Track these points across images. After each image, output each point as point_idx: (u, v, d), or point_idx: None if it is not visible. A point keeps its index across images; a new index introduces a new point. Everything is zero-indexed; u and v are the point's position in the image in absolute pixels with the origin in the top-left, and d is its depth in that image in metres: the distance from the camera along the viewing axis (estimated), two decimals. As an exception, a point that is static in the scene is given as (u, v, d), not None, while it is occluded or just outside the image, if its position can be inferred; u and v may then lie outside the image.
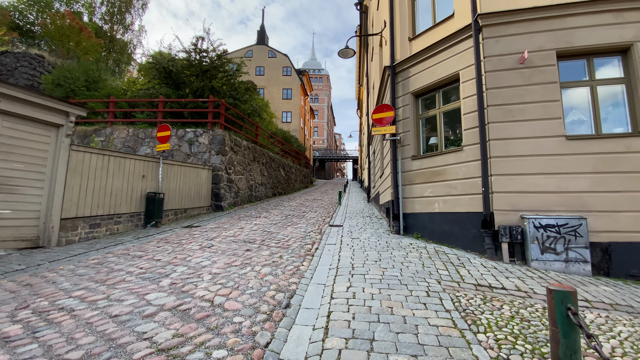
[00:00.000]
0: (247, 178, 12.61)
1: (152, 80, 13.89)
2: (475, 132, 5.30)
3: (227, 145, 11.13)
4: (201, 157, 10.73)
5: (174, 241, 5.69)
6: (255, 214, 9.54)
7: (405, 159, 6.50)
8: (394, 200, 6.44)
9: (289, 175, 19.20)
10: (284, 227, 6.89)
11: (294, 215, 9.11)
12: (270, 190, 15.40)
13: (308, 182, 26.38)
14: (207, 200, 10.23)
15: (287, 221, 7.91)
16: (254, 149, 13.67)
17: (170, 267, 3.93)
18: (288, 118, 32.28)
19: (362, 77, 22.42)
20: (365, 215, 8.83)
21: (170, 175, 8.53)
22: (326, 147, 57.36)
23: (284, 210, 10.25)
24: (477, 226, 5.14)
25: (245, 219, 8.33)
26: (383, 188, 8.48)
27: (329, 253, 4.65)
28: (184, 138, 11.02)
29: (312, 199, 14.62)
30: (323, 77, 58.36)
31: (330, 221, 8.08)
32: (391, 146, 6.74)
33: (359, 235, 5.91)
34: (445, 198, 5.68)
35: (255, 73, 32.71)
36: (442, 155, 5.83)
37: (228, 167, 11.11)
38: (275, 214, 9.29)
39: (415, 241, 5.55)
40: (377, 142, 10.34)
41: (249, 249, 4.78)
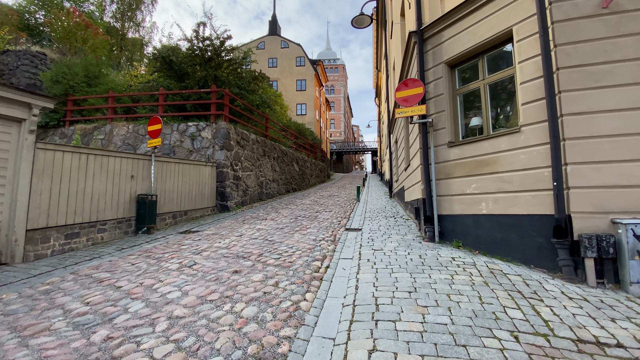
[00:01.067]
0: (256, 174, 11.59)
1: (155, 74, 13.10)
2: (540, 106, 3.89)
3: (232, 140, 10.12)
4: (204, 153, 9.78)
5: (156, 255, 4.71)
6: (262, 214, 8.49)
7: (440, 146, 5.16)
8: (426, 198, 5.14)
9: (304, 170, 18.09)
10: (291, 234, 5.76)
11: (306, 216, 7.98)
12: (284, 187, 14.36)
13: (325, 176, 25.20)
14: (211, 201, 9.29)
15: (296, 224, 6.78)
16: (264, 143, 12.62)
17: (124, 303, 2.89)
18: (302, 110, 31.08)
19: (379, 61, 20.79)
20: (388, 216, 7.55)
21: (166, 174, 7.60)
22: (344, 140, 55.83)
23: (295, 210, 9.14)
24: (545, 234, 3.77)
25: (250, 222, 7.29)
26: (409, 183, 7.14)
27: (343, 275, 3.46)
28: (186, 133, 10.11)
29: (327, 195, 13.43)
30: (339, 67, 56.50)
31: (347, 223, 6.87)
32: (420, 131, 5.41)
33: (382, 245, 4.68)
34: (496, 196, 4.32)
35: (268, 65, 31.64)
36: (490, 139, 4.46)
37: (234, 163, 10.12)
38: (284, 215, 8.20)
39: (456, 253, 4.25)
40: (401, 128, 8.95)
41: (239, 270, 3.67)
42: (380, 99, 24.97)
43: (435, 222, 4.98)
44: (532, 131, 3.98)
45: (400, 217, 7.22)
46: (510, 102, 4.53)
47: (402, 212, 8.17)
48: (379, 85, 23.72)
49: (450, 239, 4.93)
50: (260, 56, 31.52)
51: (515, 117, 4.35)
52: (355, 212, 8.56)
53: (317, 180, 21.85)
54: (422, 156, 5.34)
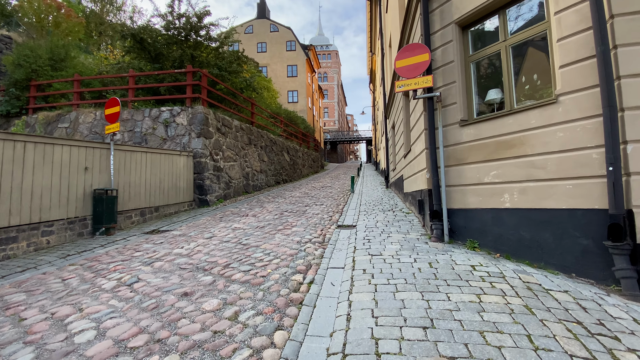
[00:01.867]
0: (241, 165, 10.60)
1: (127, 55, 11.87)
2: (586, 67, 2.98)
3: (211, 126, 9.08)
4: (179, 141, 8.75)
5: (101, 265, 3.77)
6: (245, 209, 7.56)
7: (450, 126, 4.24)
8: (433, 189, 4.24)
9: (295, 160, 17.10)
10: (272, 235, 4.84)
11: (293, 211, 7.06)
12: (273, 178, 13.39)
13: (318, 166, 24.25)
14: (188, 194, 8.31)
15: (281, 221, 5.86)
16: (250, 131, 11.58)
17: (7, 352, 1.97)
18: (294, 98, 29.81)
19: (374, 42, 19.62)
20: (386, 209, 6.67)
21: (130, 165, 6.59)
22: (338, 129, 54.69)
23: (282, 204, 8.21)
24: (593, 234, 2.92)
25: (228, 219, 6.36)
26: (410, 172, 6.24)
27: (331, 295, 2.58)
28: (159, 119, 9.04)
29: (320, 187, 12.52)
30: (332, 54, 54.81)
31: (340, 219, 5.98)
32: (425, 108, 4.47)
33: (381, 248, 3.79)
34: (524, 185, 3.44)
35: (257, 50, 30.14)
36: (515, 115, 3.55)
37: (214, 153, 9.10)
38: (269, 210, 7.27)
39: (475, 258, 3.38)
40: (399, 110, 7.98)
41: (190, 292, 2.75)
42: (374, 84, 23.87)
43: (445, 217, 4.10)
44: (574, 101, 3.06)
45: (400, 211, 6.34)
46: (540, 67, 3.60)
47: (400, 204, 7.29)
48: (373, 69, 22.58)
49: (463, 238, 4.06)
50: (249, 41, 30.03)
51: (548, 85, 3.42)
52: (349, 205, 7.67)
53: (310, 171, 20.90)
54: (427, 139, 4.42)
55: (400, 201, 7.76)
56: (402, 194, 7.70)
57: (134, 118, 9.24)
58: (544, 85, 3.51)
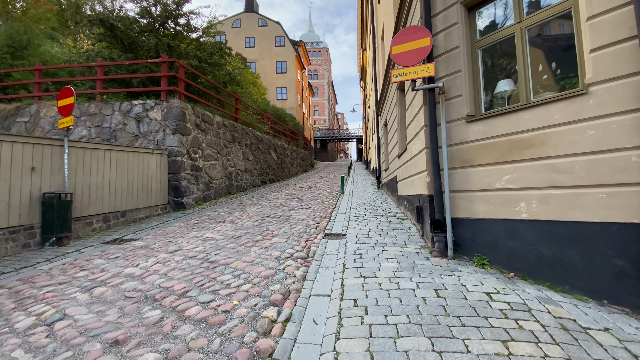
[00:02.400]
0: (223, 164, 9.86)
1: (98, 44, 10.93)
2: (625, 51, 2.44)
3: (188, 122, 8.32)
4: (153, 138, 7.96)
5: (29, 291, 3.04)
6: (224, 214, 6.86)
7: (454, 122, 3.67)
8: (434, 195, 3.66)
9: (283, 159, 16.41)
10: (247, 247, 4.17)
11: (276, 216, 6.40)
12: (259, 178, 12.68)
13: (307, 165, 23.59)
14: (162, 197, 7.55)
15: (260, 229, 5.20)
16: (234, 127, 10.84)
17: None
18: (283, 95, 29.00)
19: (365, 38, 19.06)
20: (378, 214, 6.09)
21: (91, 164, 5.81)
22: (328, 127, 54.11)
23: (265, 207, 7.54)
24: (631, 253, 2.39)
25: (202, 226, 5.66)
26: (405, 173, 5.67)
27: (311, 342, 1.96)
28: (130, 113, 8.23)
29: (308, 187, 11.88)
30: (322, 51, 54.07)
31: (327, 226, 5.36)
32: (426, 101, 3.89)
33: (375, 266, 3.20)
34: (545, 193, 2.89)
35: (245, 45, 29.18)
36: (534, 108, 2.99)
37: (192, 151, 8.35)
38: (250, 215, 6.60)
39: (488, 281, 2.82)
40: (393, 106, 7.40)
41: (123, 339, 2.06)
42: (365, 82, 23.33)
43: (449, 228, 3.53)
44: (608, 92, 2.52)
45: (394, 216, 5.77)
46: (564, 53, 3.05)
47: (394, 208, 6.73)
48: (364, 66, 22.03)
49: (470, 252, 3.50)
50: (236, 35, 29.06)
51: (573, 75, 2.88)
52: (338, 208, 7.07)
53: (299, 170, 20.23)
54: (428, 136, 3.84)
55: (393, 205, 7.20)
56: (396, 196, 7.15)
57: (102, 112, 8.39)
58: (568, 73, 2.97)
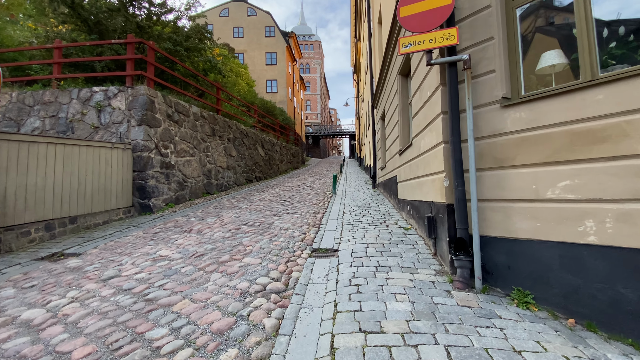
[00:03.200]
0: (200, 160, 8.80)
1: (62, 26, 9.67)
2: None
3: (158, 111, 7.23)
4: (115, 130, 6.87)
5: None
6: (194, 220, 5.84)
7: (484, 107, 2.73)
8: (456, 205, 2.74)
9: (271, 155, 15.36)
10: (207, 273, 3.18)
11: (255, 223, 5.41)
12: (243, 176, 11.64)
13: (298, 161, 22.57)
14: (124, 199, 6.48)
15: (231, 244, 4.21)
16: (214, 120, 9.75)
17: None
18: (273, 87, 27.79)
19: (359, 27, 18.03)
20: (377, 220, 5.17)
21: (28, 161, 4.73)
22: (320, 123, 53.00)
23: (245, 211, 6.53)
24: None
25: (162, 237, 4.65)
26: (410, 173, 4.73)
27: None
28: (90, 102, 7.10)
29: (297, 186, 10.89)
30: (314, 44, 52.73)
31: (315, 238, 4.40)
32: (445, 80, 2.95)
33: (379, 307, 2.27)
34: (627, 208, 1.99)
35: (233, 35, 27.81)
36: (607, 86, 2.08)
37: (162, 145, 7.28)
38: (224, 222, 5.59)
39: (544, 334, 1.93)
40: (393, 92, 6.39)
41: None
42: (359, 74, 22.34)
43: (476, 250, 2.61)
44: None
45: (395, 225, 4.85)
46: None
47: (394, 213, 5.82)
48: (358, 58, 21.03)
49: (505, 284, 2.59)
50: (224, 25, 27.69)
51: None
52: (329, 212, 6.12)
53: (289, 167, 19.21)
54: (447, 127, 2.91)
55: (392, 209, 6.28)
56: (395, 199, 6.23)
57: (58, 100, 7.25)
58: (660, 34, 2.06)
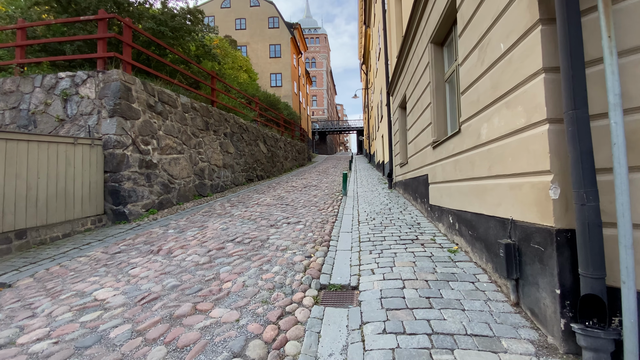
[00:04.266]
0: (191, 158, 7.64)
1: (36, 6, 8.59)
2: None
3: (136, 101, 6.07)
4: (84, 122, 5.75)
5: None
6: (172, 233, 4.67)
7: (636, 52, 1.45)
8: (582, 232, 1.48)
9: (275, 152, 14.17)
10: (146, 344, 1.99)
11: (244, 240, 4.20)
12: (243, 175, 10.48)
13: (304, 158, 21.36)
14: (93, 205, 5.36)
15: (201, 279, 3.00)
16: (207, 112, 8.58)
17: None
18: (278, 81, 26.56)
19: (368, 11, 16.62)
20: (405, 235, 3.92)
21: (-52, 161, 3.60)
22: (327, 118, 51.61)
23: (236, 221, 5.33)
24: None
25: (118, 261, 3.49)
26: (456, 172, 3.44)
27: None
28: (55, 90, 5.99)
29: (302, 186, 9.68)
30: (320, 37, 51.21)
31: (324, 265, 3.18)
32: (548, 11, 1.67)
33: None
34: None
35: (235, 27, 26.62)
36: None
37: (141, 141, 6.13)
38: (205, 237, 4.40)
39: None
40: (424, 66, 5.02)
41: None
42: (368, 64, 20.94)
43: (631, 322, 1.35)
44: None
45: (432, 242, 3.60)
46: None
47: (425, 222, 4.55)
48: (367, 46, 19.63)
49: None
50: (226, 16, 26.52)
51: None
52: (341, 221, 4.89)
53: (295, 164, 18.01)
54: (560, 93, 1.64)
55: (421, 216, 5.02)
56: (425, 204, 4.97)
57: (20, 90, 6.15)
58: None
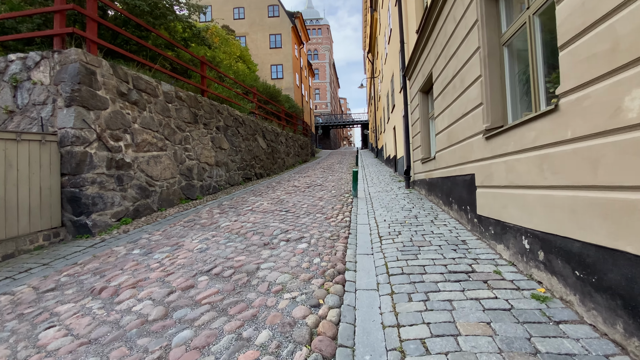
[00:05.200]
0: (175, 156, 6.54)
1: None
2: None
3: (101, 87, 4.94)
4: (37, 114, 4.66)
5: None
6: (134, 256, 3.58)
7: None
8: None
9: (275, 147, 13.03)
10: None
11: (225, 269, 3.10)
12: (239, 173, 9.37)
13: (307, 154, 20.19)
14: (46, 217, 4.29)
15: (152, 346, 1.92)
16: (196, 102, 7.44)
17: None
18: (278, 73, 25.27)
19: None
20: (454, 267, 2.78)
21: None
22: (330, 112, 50.22)
23: (220, 236, 4.22)
24: None
25: (36, 311, 2.40)
26: (546, 175, 2.26)
27: None
28: (4, 75, 4.90)
29: (305, 185, 8.54)
30: (322, 28, 49.57)
31: (341, 326, 2.07)
32: None
33: None
34: None
35: (233, 16, 25.30)
36: None
37: (110, 136, 5.02)
38: (175, 263, 3.30)
39: None
40: (468, 23, 3.71)
41: None
42: (374, 52, 19.58)
43: None
44: None
45: (498, 278, 2.46)
46: None
47: (472, 240, 3.41)
48: (374, 31, 18.27)
49: None
50: (224, 5, 25.22)
51: None
52: (356, 236, 3.77)
53: (297, 160, 16.87)
54: None
55: (454, 222, 3.87)
56: (466, 213, 3.82)
57: (-38, 75, 5.06)
58: None
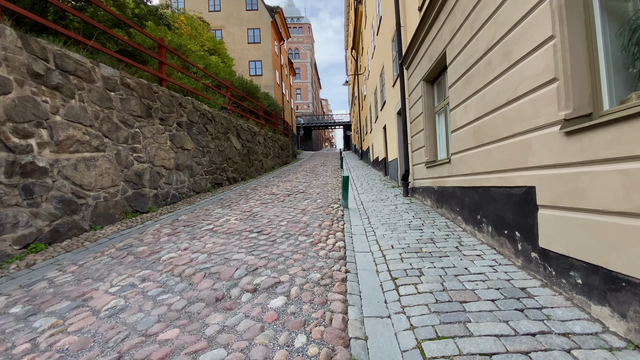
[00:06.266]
0: (119, 158, 5.12)
1: None
2: None
3: (1, 63, 3.49)
4: None
5: None
6: (14, 313, 2.22)
7: None
8: None
9: (252, 148, 11.67)
10: None
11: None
12: (207, 178, 7.99)
13: (289, 155, 18.90)
14: None
15: None
16: (150, 93, 6.02)
17: None
18: (257, 70, 23.80)
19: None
20: (529, 345, 1.64)
21: None
22: (312, 113, 49.07)
23: (154, 280, 2.93)
24: None
25: None
26: None
27: None
28: None
29: (285, 193, 7.29)
30: (304, 27, 48.38)
31: None
32: None
33: None
34: None
35: (209, 8, 23.60)
36: None
37: (12, 130, 3.56)
38: (71, 328, 2.00)
39: None
40: None
41: None
42: (359, 48, 18.62)
43: None
44: None
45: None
46: None
47: (540, 291, 2.32)
48: (359, 25, 17.29)
49: None
50: (198, -4, 23.48)
51: None
52: (357, 279, 2.62)
53: (277, 162, 15.55)
54: None
55: (492, 253, 2.80)
56: (515, 243, 2.75)
57: None
58: None
